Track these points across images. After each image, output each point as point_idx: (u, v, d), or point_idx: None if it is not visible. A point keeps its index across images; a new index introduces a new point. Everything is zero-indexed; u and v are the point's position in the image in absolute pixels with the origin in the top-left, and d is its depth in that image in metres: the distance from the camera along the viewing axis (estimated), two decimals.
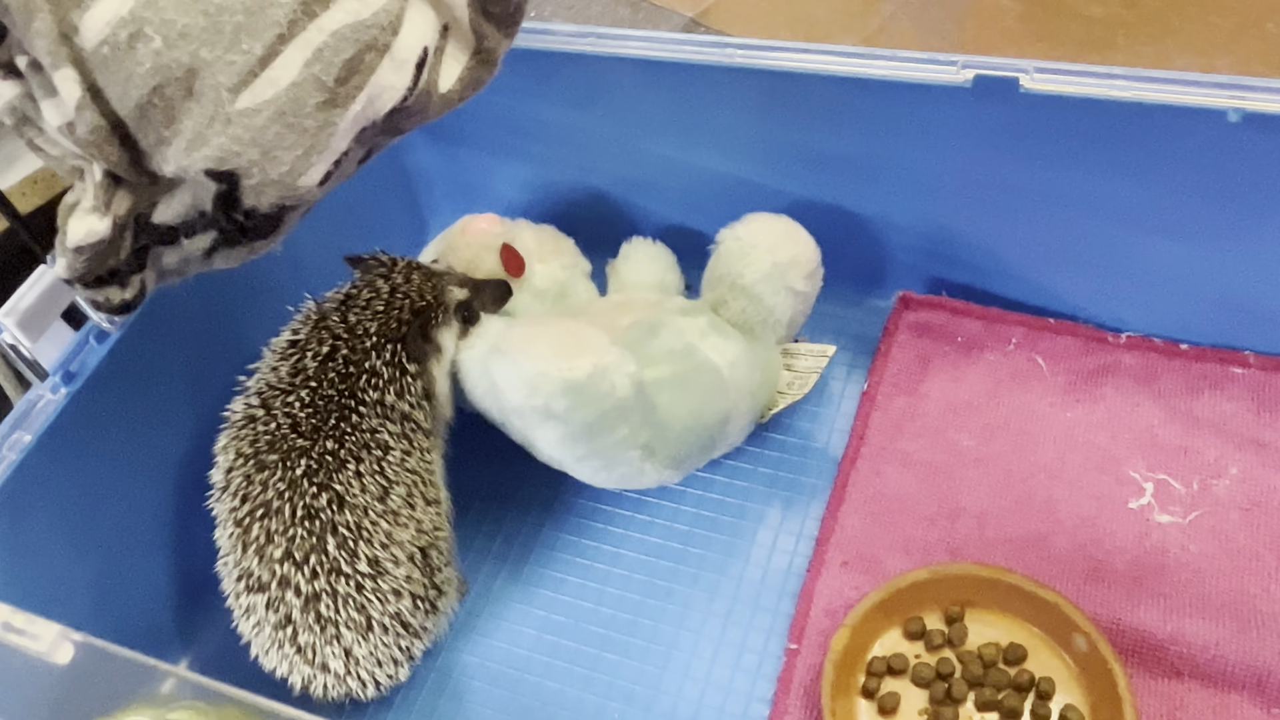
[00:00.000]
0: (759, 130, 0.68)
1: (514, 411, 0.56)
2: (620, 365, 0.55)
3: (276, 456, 0.53)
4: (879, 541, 0.61)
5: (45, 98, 0.34)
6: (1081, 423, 0.64)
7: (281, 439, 0.54)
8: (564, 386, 0.54)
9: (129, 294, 0.38)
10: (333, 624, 0.53)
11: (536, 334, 0.55)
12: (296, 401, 0.54)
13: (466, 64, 0.39)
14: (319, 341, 0.56)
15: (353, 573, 0.53)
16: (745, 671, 0.58)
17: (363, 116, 0.37)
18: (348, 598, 0.53)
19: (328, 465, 0.54)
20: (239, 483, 0.54)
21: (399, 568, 0.55)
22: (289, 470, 0.53)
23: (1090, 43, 1.06)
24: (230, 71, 0.34)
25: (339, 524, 0.53)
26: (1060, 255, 0.65)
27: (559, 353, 0.54)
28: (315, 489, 0.53)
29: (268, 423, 0.54)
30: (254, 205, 0.37)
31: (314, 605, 0.53)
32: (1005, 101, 0.59)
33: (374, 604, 0.54)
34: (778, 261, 0.62)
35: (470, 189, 0.79)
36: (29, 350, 0.52)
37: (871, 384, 0.68)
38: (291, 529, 0.53)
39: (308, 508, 0.53)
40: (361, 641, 0.54)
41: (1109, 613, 0.56)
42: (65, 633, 0.23)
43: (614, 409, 0.55)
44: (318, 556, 0.53)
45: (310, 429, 0.54)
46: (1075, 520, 0.60)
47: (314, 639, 0.53)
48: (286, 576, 0.53)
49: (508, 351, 0.55)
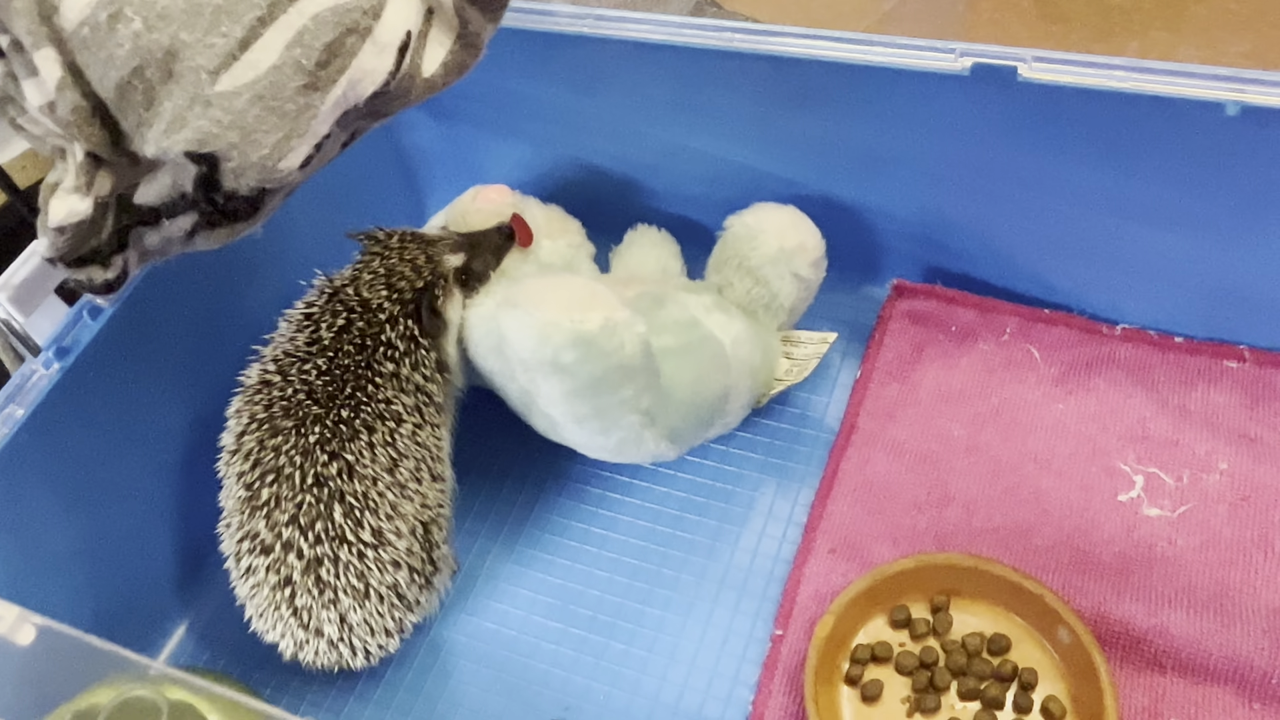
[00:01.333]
0: (758, 116, 0.67)
1: (520, 364, 0.56)
2: (631, 324, 0.55)
3: (291, 423, 0.54)
4: (867, 529, 0.61)
5: (26, 77, 0.34)
6: (1073, 414, 0.64)
7: (297, 405, 0.54)
8: (574, 338, 0.54)
9: (111, 274, 0.38)
10: (331, 589, 0.54)
11: (549, 286, 0.55)
12: (313, 369, 0.55)
13: (450, 48, 0.39)
14: (334, 314, 0.57)
15: (355, 541, 0.54)
16: (731, 655, 0.59)
17: (344, 100, 0.37)
18: (348, 565, 0.54)
19: (341, 434, 0.54)
20: (251, 446, 0.55)
21: (400, 540, 0.55)
22: (302, 437, 0.54)
23: (1104, 27, 1.05)
24: (210, 54, 0.34)
25: (347, 493, 0.54)
26: (1056, 246, 0.65)
27: (571, 305, 0.54)
28: (327, 457, 0.54)
29: (283, 389, 0.55)
30: (234, 188, 0.37)
31: (315, 569, 0.53)
32: (1003, 90, 0.58)
33: (373, 573, 0.54)
34: (784, 246, 0.63)
35: (470, 170, 0.79)
36: (21, 325, 0.53)
37: (864, 372, 0.68)
38: (300, 495, 0.53)
39: (318, 475, 0.54)
40: (357, 608, 0.54)
41: (1094, 604, 0.56)
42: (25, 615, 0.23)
43: (620, 367, 0.55)
44: (323, 523, 0.53)
45: (325, 397, 0.55)
46: (1063, 511, 0.60)
47: (311, 602, 0.54)
48: (290, 540, 0.53)
49: (519, 303, 0.55)
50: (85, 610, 0.59)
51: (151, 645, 0.64)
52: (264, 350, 0.58)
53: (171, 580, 0.65)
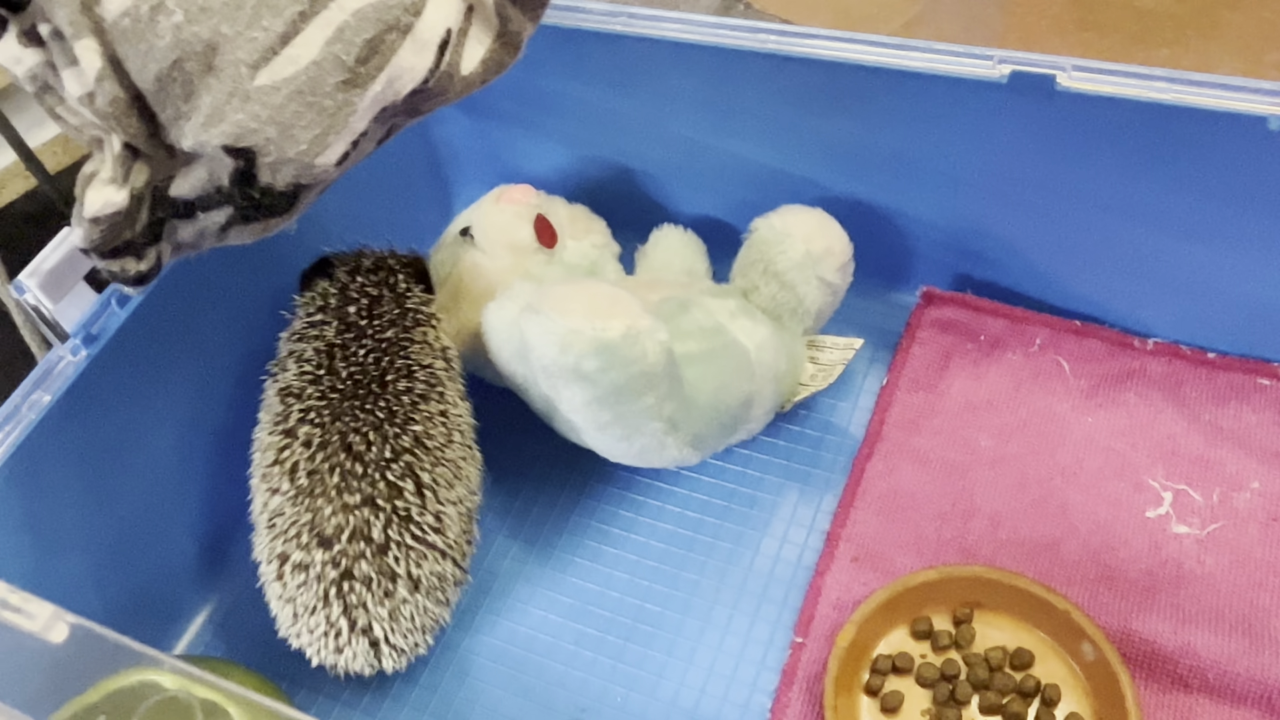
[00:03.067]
0: (791, 119, 0.67)
1: (543, 370, 0.56)
2: (653, 331, 0.55)
3: (355, 401, 0.54)
4: (890, 538, 0.61)
5: (66, 67, 0.34)
6: (1102, 428, 0.63)
7: (354, 385, 0.55)
8: (596, 345, 0.53)
9: (144, 266, 0.38)
10: (390, 578, 0.53)
11: (572, 293, 0.55)
12: (359, 350, 0.56)
13: (490, 46, 0.39)
14: (348, 301, 0.58)
15: (420, 521, 0.53)
16: (749, 662, 0.58)
17: (382, 97, 0.37)
18: (410, 549, 0.53)
19: (404, 405, 0.55)
20: (309, 433, 0.54)
21: (451, 527, 0.55)
22: (368, 414, 0.54)
23: (1137, 35, 1.04)
24: (250, 48, 0.34)
25: (418, 467, 0.54)
26: (1089, 257, 0.64)
27: (593, 312, 0.54)
28: (398, 429, 0.54)
29: (332, 376, 0.55)
30: (270, 183, 0.37)
31: (381, 556, 0.53)
32: (1041, 98, 0.58)
33: (427, 560, 0.54)
34: (811, 251, 0.62)
35: (499, 165, 0.79)
36: (51, 312, 0.53)
37: (891, 379, 0.67)
38: (376, 471, 0.53)
39: (394, 449, 0.54)
40: (407, 600, 0.54)
41: (1119, 621, 0.55)
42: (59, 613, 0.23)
43: (643, 374, 0.55)
44: (397, 502, 0.53)
45: (380, 373, 0.55)
46: (1090, 526, 0.59)
47: (368, 596, 0.53)
48: (359, 528, 0.52)
49: (542, 309, 0.55)
50: (104, 598, 0.59)
51: (170, 635, 0.64)
52: (284, 356, 0.58)
53: (191, 571, 0.65)
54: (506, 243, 0.66)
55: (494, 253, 0.66)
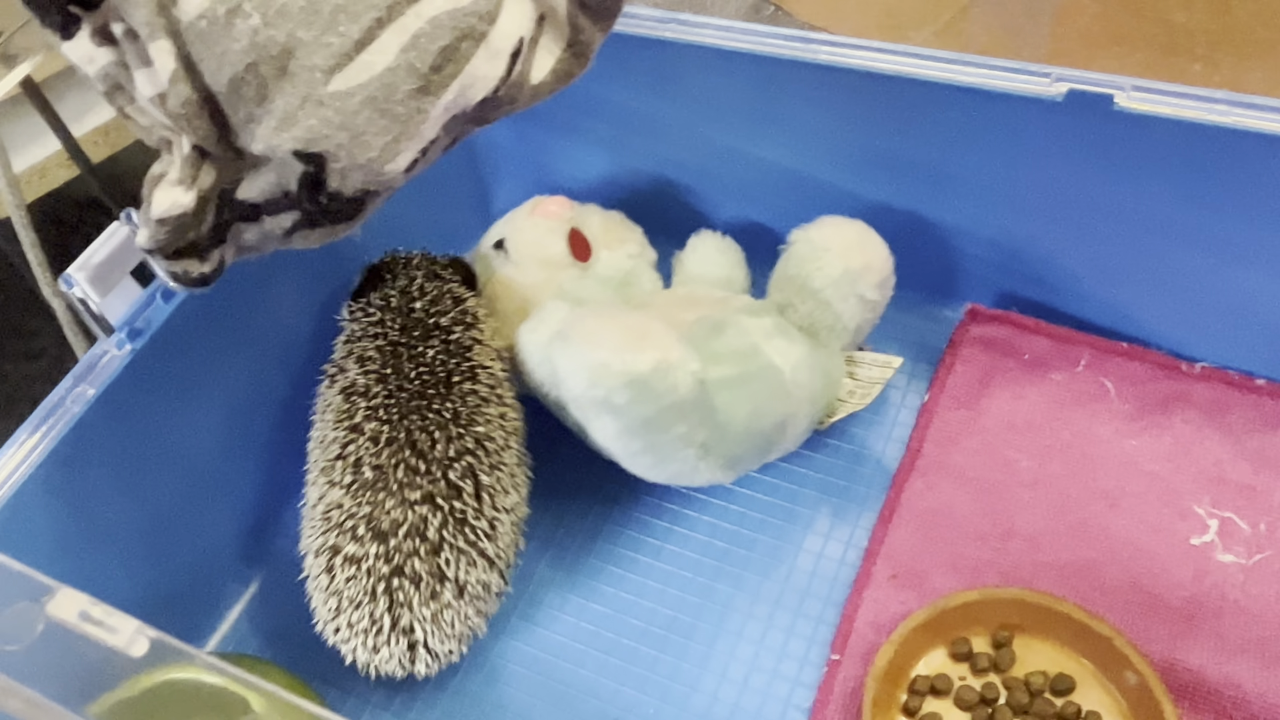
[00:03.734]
0: (837, 129, 0.66)
1: (572, 401, 0.56)
2: (683, 363, 0.54)
3: (422, 401, 0.55)
4: (928, 557, 0.60)
5: (139, 67, 0.34)
6: (1146, 452, 0.62)
7: (422, 383, 0.55)
8: (626, 379, 0.53)
9: (207, 268, 0.38)
10: (438, 579, 0.53)
11: (602, 324, 0.54)
12: (425, 350, 0.56)
13: (559, 56, 0.39)
14: (413, 300, 0.58)
15: (475, 525, 0.54)
16: (784, 678, 0.58)
17: (454, 105, 0.36)
18: (463, 552, 0.53)
19: (469, 405, 0.55)
20: (374, 428, 0.54)
21: (504, 535, 0.55)
22: (435, 413, 0.54)
23: (1170, 49, 1.03)
24: (326, 53, 0.34)
25: (479, 469, 0.54)
26: (1138, 278, 0.64)
27: (623, 345, 0.53)
28: (461, 429, 0.54)
29: (397, 373, 0.56)
30: (339, 188, 0.37)
31: (435, 556, 0.53)
32: (1097, 118, 0.57)
33: (476, 567, 0.54)
34: (849, 267, 0.61)
35: (538, 167, 0.78)
36: (97, 305, 0.53)
37: (931, 396, 0.66)
38: (439, 469, 0.53)
39: (459, 449, 0.54)
40: (452, 603, 0.53)
41: (1162, 650, 0.55)
42: (142, 628, 0.23)
43: (673, 406, 0.54)
44: (455, 502, 0.53)
45: (445, 373, 0.55)
46: (1131, 551, 0.59)
47: (415, 595, 0.53)
48: (416, 525, 0.52)
49: (572, 339, 0.54)
50: (139, 591, 0.59)
51: (203, 631, 0.64)
52: (342, 358, 0.58)
53: (226, 567, 0.65)
54: (540, 257, 0.66)
55: (527, 267, 0.66)
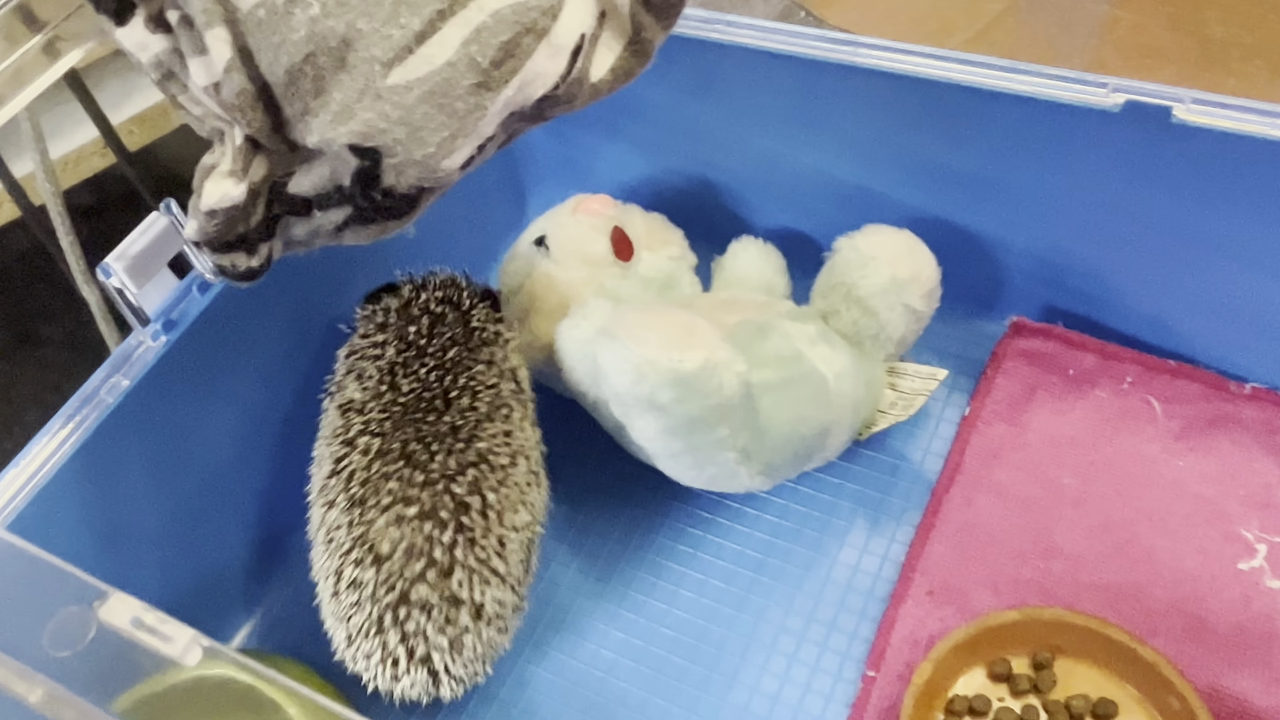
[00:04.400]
0: (882, 135, 0.65)
1: (615, 398, 0.55)
2: (730, 363, 0.53)
3: (417, 414, 0.53)
4: (967, 574, 0.59)
5: (193, 55, 0.33)
6: (1193, 473, 0.61)
7: (417, 398, 0.53)
8: (672, 378, 0.52)
9: (255, 262, 0.37)
10: (455, 604, 0.50)
11: (649, 321, 0.53)
12: (421, 366, 0.54)
13: (620, 54, 0.38)
14: (410, 320, 0.56)
15: (485, 546, 0.51)
16: (817, 694, 0.57)
17: (513, 102, 0.36)
18: (474, 573, 0.50)
19: (469, 420, 0.53)
20: (367, 442, 0.53)
21: (514, 554, 0.53)
22: (431, 426, 0.52)
23: (1202, 62, 1.01)
24: (386, 45, 0.33)
25: (484, 487, 0.52)
26: (1189, 295, 0.62)
27: (670, 342, 0.52)
28: (464, 443, 0.52)
29: (394, 390, 0.54)
30: (393, 184, 0.36)
31: (445, 581, 0.50)
32: (1153, 130, 0.56)
33: (490, 586, 0.51)
34: (897, 276, 0.60)
35: (575, 167, 0.78)
36: (134, 296, 0.52)
37: (973, 409, 0.65)
38: (437, 486, 0.51)
39: (459, 463, 0.51)
40: (470, 629, 0.51)
41: (1207, 676, 0.53)
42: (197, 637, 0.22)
43: (718, 407, 0.53)
44: (462, 518, 0.50)
45: (443, 389, 0.54)
46: (1177, 575, 0.57)
47: (426, 624, 0.50)
48: (418, 545, 0.49)
49: (617, 335, 0.53)
50: (165, 586, 0.58)
51: (227, 628, 0.63)
52: (343, 375, 0.57)
53: (252, 565, 0.64)
54: (581, 255, 0.65)
55: (568, 264, 0.65)
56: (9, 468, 0.50)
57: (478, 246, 0.77)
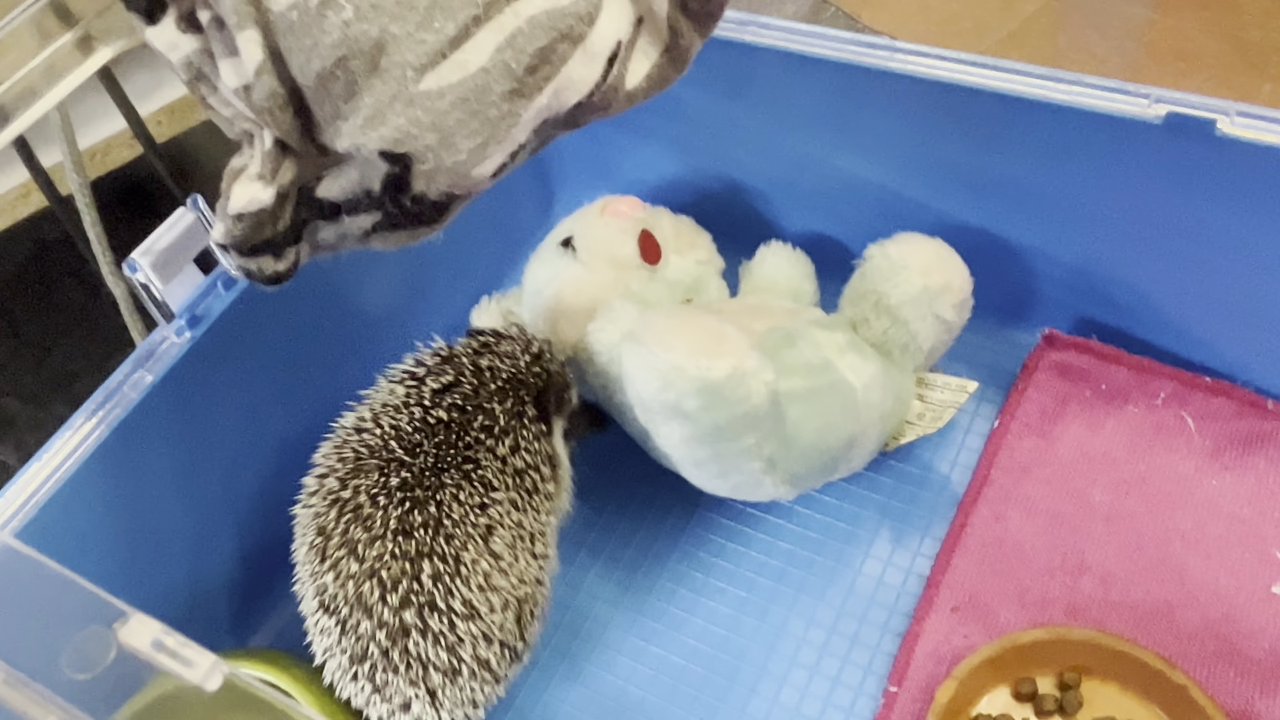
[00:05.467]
0: (915, 142, 0.64)
1: (640, 404, 0.54)
2: (758, 372, 0.52)
3: (375, 463, 0.51)
4: (994, 589, 0.58)
5: (224, 57, 0.33)
6: (1227, 492, 0.60)
7: (383, 448, 0.52)
8: (699, 385, 0.51)
9: (282, 266, 0.37)
10: (420, 663, 0.49)
11: (676, 327, 0.53)
12: (405, 417, 0.52)
13: (656, 61, 0.37)
14: (441, 372, 0.54)
15: (446, 610, 0.49)
16: (837, 708, 0.56)
17: (547, 109, 0.35)
18: (440, 636, 0.49)
19: (424, 483, 0.51)
20: (332, 486, 0.52)
21: (494, 615, 0.51)
22: (384, 478, 0.51)
23: (1238, 67, 0.99)
24: (419, 50, 0.32)
25: (435, 553, 0.49)
26: (1226, 310, 0.61)
27: (698, 350, 0.51)
28: (409, 504, 0.50)
29: (374, 433, 0.52)
30: (423, 191, 0.35)
31: (401, 640, 0.49)
32: (1196, 143, 0.54)
33: (464, 645, 0.50)
34: (928, 286, 0.59)
35: (603, 167, 0.77)
36: (160, 291, 0.52)
37: (1002, 422, 0.64)
38: (380, 544, 0.49)
39: (401, 521, 0.50)
40: (448, 685, 0.50)
41: (1240, 701, 0.52)
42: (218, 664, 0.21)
43: (745, 416, 0.53)
44: (409, 582, 0.49)
45: (411, 445, 0.51)
46: (1209, 596, 0.56)
47: (395, 678, 0.49)
48: (369, 604, 0.49)
49: (644, 341, 0.52)
50: (183, 584, 0.58)
51: (244, 628, 0.63)
52: (362, 404, 0.56)
53: (267, 564, 0.63)
54: (609, 257, 0.64)
55: (595, 266, 0.64)
56: (33, 461, 0.50)
57: (504, 246, 0.77)
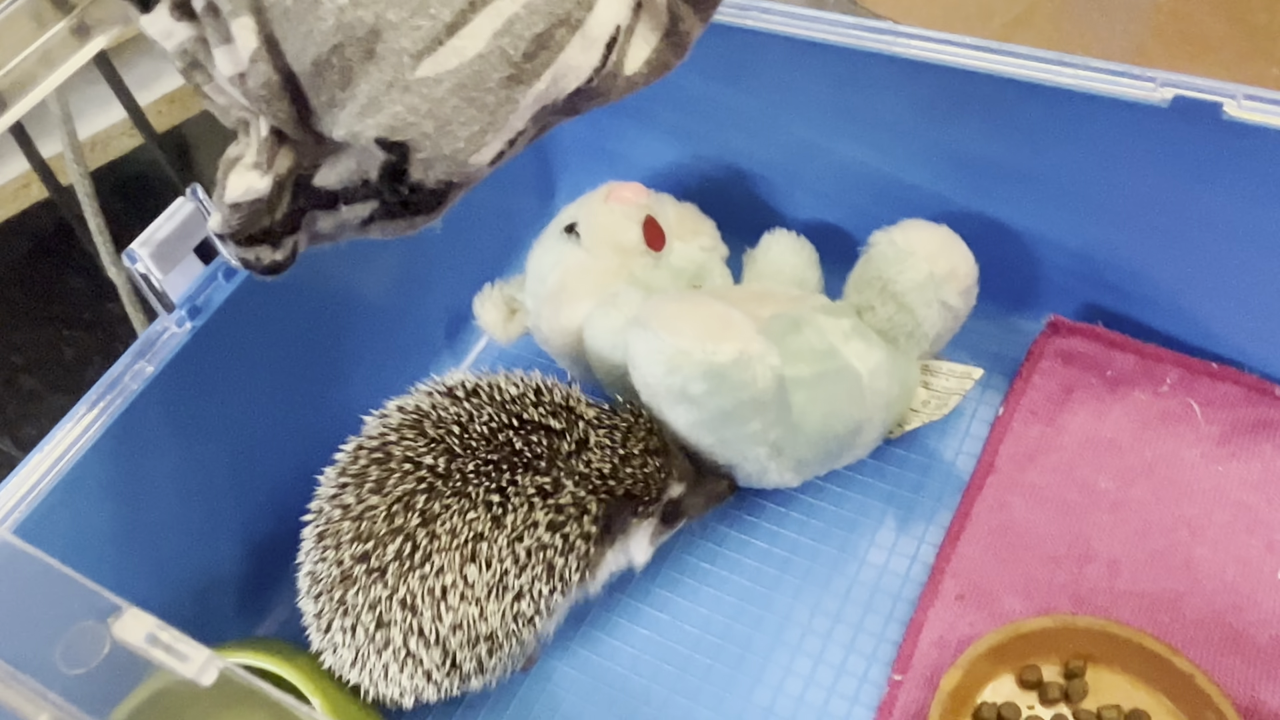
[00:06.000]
0: (920, 127, 0.64)
1: (646, 389, 0.54)
2: (764, 356, 0.52)
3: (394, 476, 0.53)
4: (999, 577, 0.58)
5: (219, 44, 0.32)
6: (1234, 479, 0.59)
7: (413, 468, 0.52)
8: (705, 369, 0.51)
9: (280, 255, 0.36)
10: (355, 612, 0.52)
11: (683, 311, 0.52)
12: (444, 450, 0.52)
13: (656, 46, 0.37)
14: (551, 411, 0.53)
15: (392, 585, 0.52)
16: (842, 696, 0.56)
17: (545, 96, 0.35)
18: (376, 604, 0.52)
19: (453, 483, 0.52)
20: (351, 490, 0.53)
21: (438, 621, 0.52)
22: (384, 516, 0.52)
23: (1246, 52, 0.98)
24: (415, 36, 0.32)
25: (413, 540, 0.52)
26: (1232, 296, 0.60)
27: (705, 334, 0.51)
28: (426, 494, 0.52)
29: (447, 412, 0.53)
30: (421, 179, 0.35)
31: (346, 586, 0.52)
32: (1203, 126, 0.54)
33: (395, 627, 0.52)
34: (934, 272, 0.59)
35: (605, 154, 0.76)
36: (160, 282, 0.52)
37: (1007, 409, 0.64)
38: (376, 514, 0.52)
39: (409, 496, 0.52)
40: (424, 686, 0.53)
41: (1246, 690, 0.52)
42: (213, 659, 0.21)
43: (751, 400, 0.52)
44: (376, 545, 0.52)
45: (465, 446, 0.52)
46: (1216, 584, 0.56)
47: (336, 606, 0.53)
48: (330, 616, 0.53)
49: (650, 325, 0.52)
50: (185, 576, 0.58)
51: (242, 621, 0.63)
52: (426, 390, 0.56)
53: (269, 556, 0.62)
54: (613, 243, 0.64)
55: (599, 253, 0.64)
56: (35, 452, 0.50)
57: (506, 234, 0.76)
